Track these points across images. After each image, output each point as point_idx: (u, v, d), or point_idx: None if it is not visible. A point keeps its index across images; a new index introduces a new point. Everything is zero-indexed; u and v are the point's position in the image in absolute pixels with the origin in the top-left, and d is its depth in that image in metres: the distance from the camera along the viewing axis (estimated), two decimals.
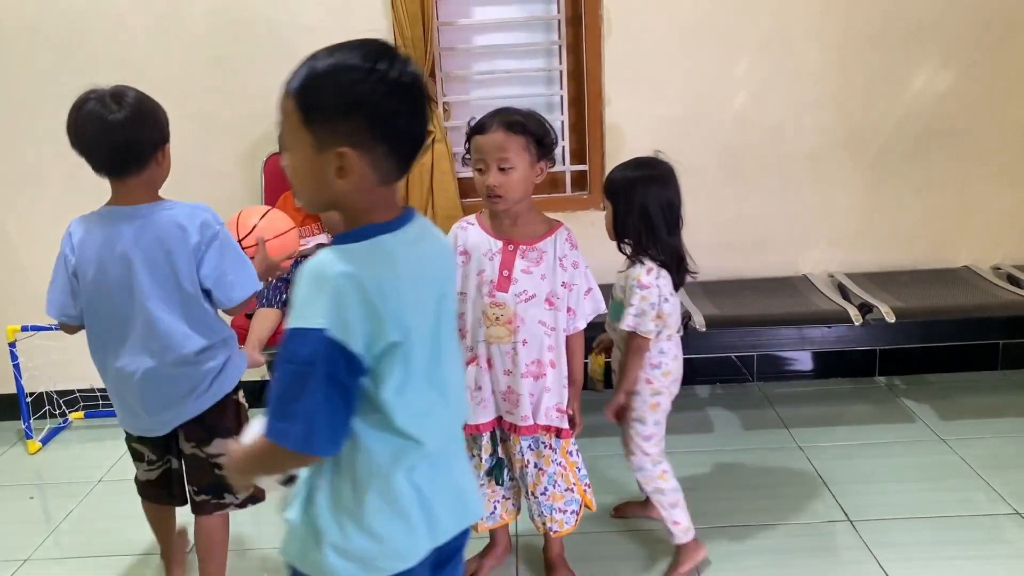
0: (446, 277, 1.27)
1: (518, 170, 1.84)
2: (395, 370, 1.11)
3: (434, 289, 1.21)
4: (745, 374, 3.37)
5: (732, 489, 2.58)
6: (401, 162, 1.16)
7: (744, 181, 3.17)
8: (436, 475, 1.21)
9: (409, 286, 1.14)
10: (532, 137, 1.86)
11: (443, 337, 1.21)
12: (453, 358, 1.26)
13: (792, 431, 2.92)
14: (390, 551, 1.18)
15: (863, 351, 3.32)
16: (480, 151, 1.87)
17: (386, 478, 1.16)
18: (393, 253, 1.14)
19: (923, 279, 3.10)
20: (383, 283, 1.10)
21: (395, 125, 1.12)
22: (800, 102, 3.10)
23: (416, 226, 1.20)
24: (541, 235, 1.95)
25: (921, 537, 2.27)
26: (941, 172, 3.16)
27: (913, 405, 3.08)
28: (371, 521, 1.16)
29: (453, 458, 1.27)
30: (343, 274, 1.09)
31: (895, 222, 3.20)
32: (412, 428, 1.15)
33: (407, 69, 1.13)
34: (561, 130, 3.23)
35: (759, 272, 3.22)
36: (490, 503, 2.12)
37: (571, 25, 3.13)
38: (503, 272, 1.92)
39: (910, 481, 2.56)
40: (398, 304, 1.11)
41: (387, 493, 1.16)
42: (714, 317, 2.78)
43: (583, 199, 3.21)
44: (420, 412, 1.16)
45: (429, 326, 1.18)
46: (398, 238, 1.16)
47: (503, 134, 1.83)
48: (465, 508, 1.28)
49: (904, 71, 3.08)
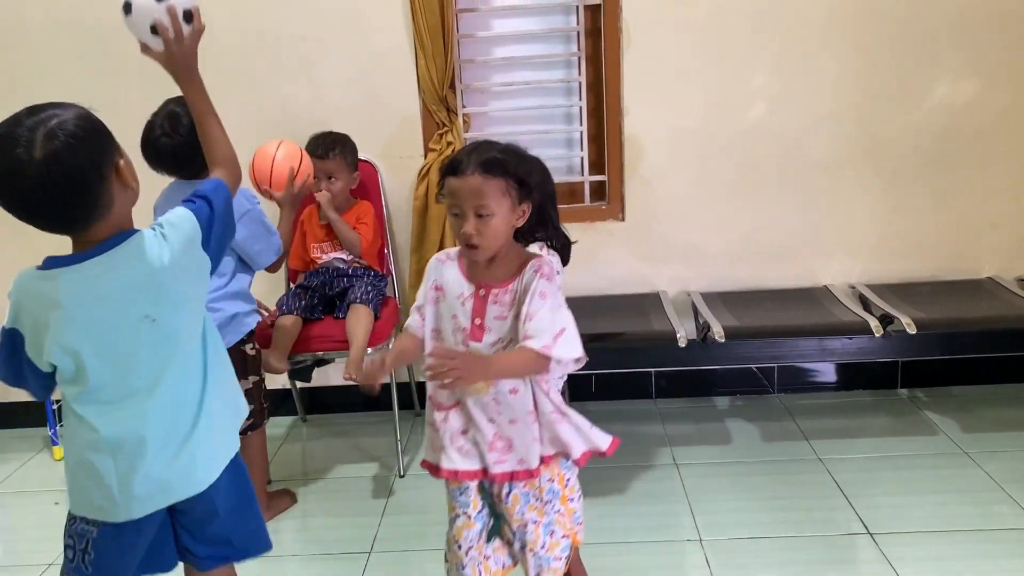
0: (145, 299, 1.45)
1: (498, 216, 1.64)
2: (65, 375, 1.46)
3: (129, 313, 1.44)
4: (766, 385, 3.36)
5: (751, 501, 2.57)
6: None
7: (762, 192, 3.16)
8: (118, 460, 1.48)
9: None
10: (513, 178, 1.66)
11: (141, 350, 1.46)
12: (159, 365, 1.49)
13: (812, 443, 2.90)
14: (80, 502, 1.55)
15: (884, 363, 3.30)
16: (455, 195, 1.66)
17: (74, 452, 1.52)
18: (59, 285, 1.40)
19: (945, 290, 3.08)
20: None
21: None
22: (818, 113, 3.10)
23: (107, 257, 1.40)
24: (512, 274, 1.71)
25: (943, 551, 2.25)
26: (963, 181, 3.13)
27: (935, 417, 3.05)
28: (68, 475, 1.56)
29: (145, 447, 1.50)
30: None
31: (916, 232, 3.18)
32: (90, 417, 1.47)
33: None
34: (580, 141, 3.24)
35: (779, 283, 3.20)
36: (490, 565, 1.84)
37: (590, 37, 3.15)
38: (475, 321, 1.71)
39: (932, 494, 2.54)
40: (59, 330, 1.40)
41: (77, 456, 1.52)
42: (734, 328, 2.77)
43: (602, 209, 3.22)
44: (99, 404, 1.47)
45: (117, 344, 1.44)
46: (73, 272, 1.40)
47: (480, 177, 1.63)
48: (157, 492, 1.52)
49: (923, 80, 3.07)
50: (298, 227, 3.04)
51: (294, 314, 2.77)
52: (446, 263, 1.77)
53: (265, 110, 3.11)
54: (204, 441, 1.54)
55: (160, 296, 1.45)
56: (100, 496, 1.51)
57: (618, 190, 3.18)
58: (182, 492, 1.55)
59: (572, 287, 3.21)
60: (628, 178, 3.17)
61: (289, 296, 2.85)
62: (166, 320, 1.47)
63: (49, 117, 1.33)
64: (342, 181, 2.87)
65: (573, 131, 3.26)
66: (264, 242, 2.46)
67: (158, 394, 1.49)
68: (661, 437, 3.03)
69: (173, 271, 1.45)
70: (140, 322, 1.44)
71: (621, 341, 2.87)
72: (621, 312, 3.04)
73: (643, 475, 2.76)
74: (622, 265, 3.23)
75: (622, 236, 3.22)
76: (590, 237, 3.21)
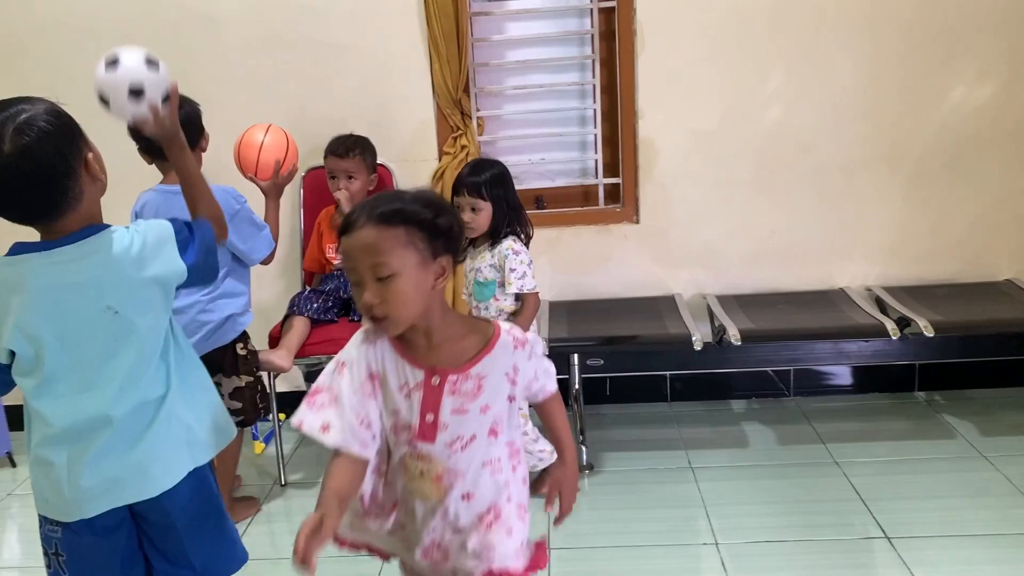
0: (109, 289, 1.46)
1: (403, 276, 1.30)
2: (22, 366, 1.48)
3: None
4: (781, 388, 3.35)
5: (768, 504, 2.55)
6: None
7: (779, 194, 3.15)
8: (70, 452, 1.49)
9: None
10: (418, 226, 1.31)
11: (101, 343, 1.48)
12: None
13: (829, 446, 2.89)
14: (39, 500, 1.56)
15: (901, 366, 3.28)
16: (348, 258, 1.32)
17: (32, 448, 1.53)
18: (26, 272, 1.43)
19: (963, 293, 3.06)
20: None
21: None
22: (835, 114, 3.08)
23: (77, 247, 1.43)
24: (474, 355, 1.38)
25: (962, 556, 2.23)
26: (981, 183, 3.11)
27: (953, 421, 3.03)
28: (30, 473, 1.56)
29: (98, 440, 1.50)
30: None
31: (934, 235, 3.16)
32: (45, 411, 1.49)
33: None
34: (594, 143, 3.24)
35: (795, 286, 3.19)
36: None
37: (604, 39, 3.15)
38: (426, 417, 1.36)
39: (950, 498, 2.52)
40: (22, 315, 1.42)
41: (33, 453, 1.53)
42: (750, 331, 2.76)
43: (616, 212, 3.21)
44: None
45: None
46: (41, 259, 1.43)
47: (374, 229, 1.29)
48: (107, 489, 1.51)
49: (940, 82, 3.05)
50: (315, 228, 3.06)
51: (304, 315, 2.79)
52: (377, 345, 1.39)
53: (284, 114, 3.12)
54: (162, 443, 1.53)
55: (125, 290, 1.47)
56: (52, 492, 1.52)
57: (632, 193, 3.18)
58: (133, 493, 1.52)
59: (586, 290, 3.23)
60: (643, 180, 3.17)
61: (302, 298, 2.86)
62: (129, 314, 1.48)
63: (18, 112, 1.36)
64: (360, 181, 2.88)
65: (587, 134, 3.26)
66: (254, 239, 2.51)
67: (115, 387, 1.49)
68: (676, 440, 3.02)
69: (141, 266, 1.48)
70: (103, 313, 1.46)
71: (636, 344, 2.87)
72: (636, 315, 3.03)
73: (659, 479, 2.75)
74: (636, 268, 3.23)
75: (636, 239, 3.21)
76: (604, 240, 3.22)
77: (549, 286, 3.23)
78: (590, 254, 3.23)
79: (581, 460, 2.84)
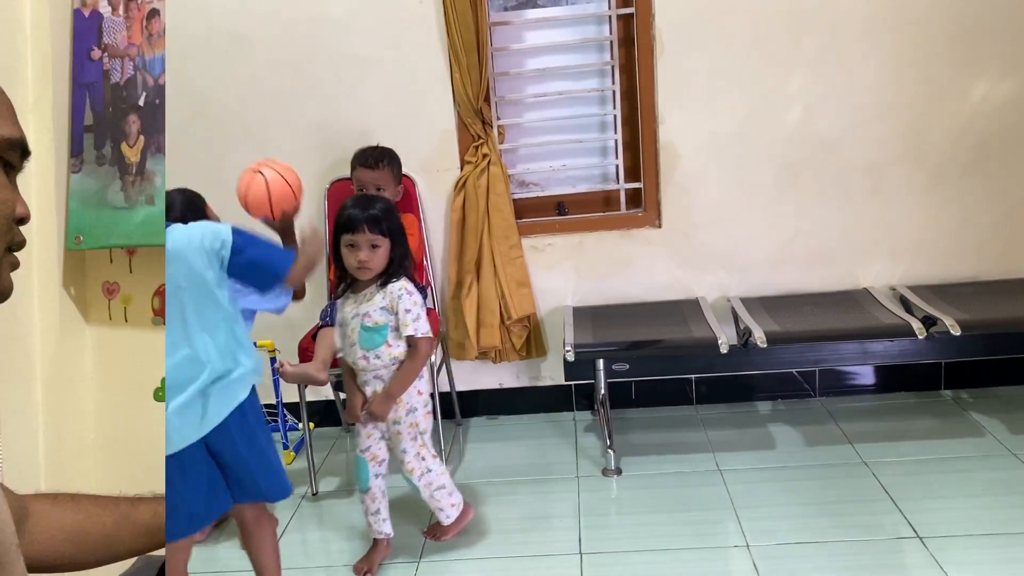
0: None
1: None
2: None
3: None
4: (807, 390, 3.34)
5: (796, 506, 2.56)
6: None
7: (802, 196, 3.15)
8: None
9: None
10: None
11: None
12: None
13: (856, 446, 2.89)
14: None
15: (927, 364, 3.26)
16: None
17: None
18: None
19: (989, 290, 3.04)
20: None
21: None
22: (857, 115, 3.08)
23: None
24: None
25: (995, 555, 2.22)
26: (1007, 181, 3.10)
27: (982, 419, 3.02)
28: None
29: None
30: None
31: (958, 233, 3.15)
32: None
33: None
34: (615, 149, 3.26)
35: (819, 287, 3.19)
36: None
37: (623, 46, 3.16)
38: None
39: (981, 496, 2.52)
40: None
41: None
42: (775, 333, 2.77)
43: (638, 217, 3.23)
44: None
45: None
46: None
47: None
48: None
49: (964, 80, 3.04)
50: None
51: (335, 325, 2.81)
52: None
53: (306, 126, 3.17)
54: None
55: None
56: None
57: (654, 197, 3.19)
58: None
59: (610, 295, 3.25)
60: (664, 185, 3.18)
61: (332, 307, 2.89)
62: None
63: None
64: (388, 192, 2.90)
65: (607, 139, 3.28)
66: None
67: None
68: (703, 443, 3.03)
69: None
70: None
71: (661, 348, 2.88)
72: (660, 319, 3.05)
73: (687, 481, 2.76)
74: (659, 272, 3.24)
75: (659, 243, 3.22)
76: (627, 244, 3.23)
77: (573, 292, 3.25)
78: (613, 259, 3.24)
79: (609, 465, 2.86)
